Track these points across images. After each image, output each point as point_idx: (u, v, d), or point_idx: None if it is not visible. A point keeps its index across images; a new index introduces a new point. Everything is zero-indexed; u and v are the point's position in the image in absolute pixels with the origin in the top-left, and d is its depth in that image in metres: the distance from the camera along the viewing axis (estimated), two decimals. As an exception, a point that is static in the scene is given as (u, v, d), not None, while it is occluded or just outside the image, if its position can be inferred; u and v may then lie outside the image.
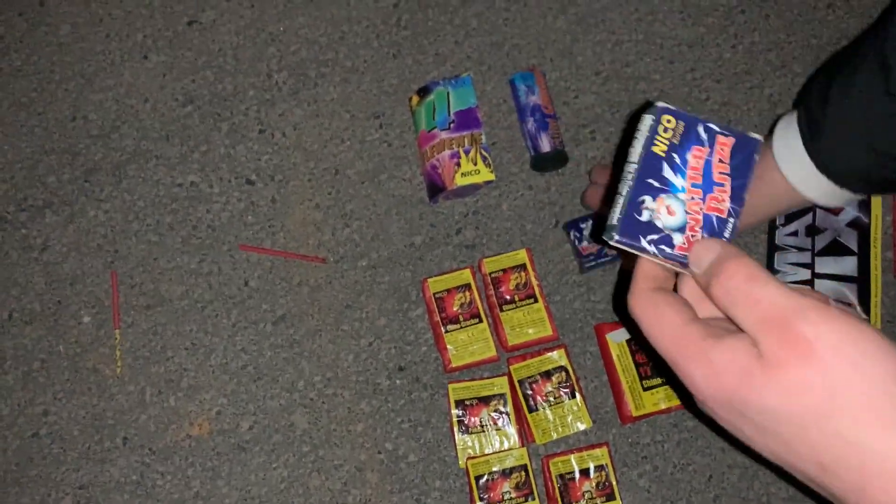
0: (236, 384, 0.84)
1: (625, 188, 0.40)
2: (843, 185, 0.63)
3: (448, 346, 0.83)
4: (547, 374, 0.82)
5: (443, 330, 0.83)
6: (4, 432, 0.84)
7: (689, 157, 0.40)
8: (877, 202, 0.86)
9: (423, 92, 0.90)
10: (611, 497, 0.78)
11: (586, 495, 0.78)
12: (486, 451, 0.80)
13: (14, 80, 0.95)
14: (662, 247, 0.39)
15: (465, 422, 0.81)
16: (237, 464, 0.82)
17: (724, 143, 0.41)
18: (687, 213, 0.40)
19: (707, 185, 0.40)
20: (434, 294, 0.85)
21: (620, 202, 0.40)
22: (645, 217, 0.40)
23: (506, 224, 0.89)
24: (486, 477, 0.79)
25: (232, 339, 0.86)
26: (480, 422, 0.81)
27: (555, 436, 0.81)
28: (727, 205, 0.40)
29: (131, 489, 0.82)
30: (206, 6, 0.97)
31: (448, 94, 0.89)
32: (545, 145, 0.88)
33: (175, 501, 0.81)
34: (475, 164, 0.86)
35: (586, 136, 0.91)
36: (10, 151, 0.93)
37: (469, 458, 0.80)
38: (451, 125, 0.88)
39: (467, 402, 0.81)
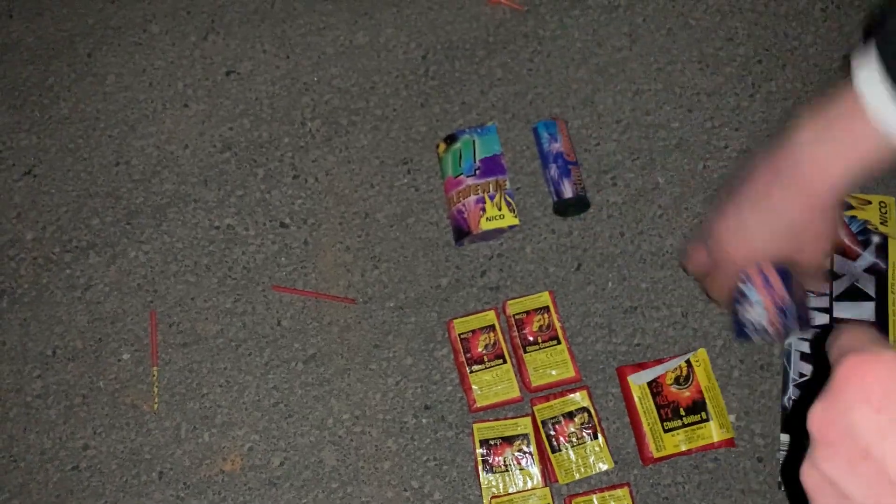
0: (268, 421, 0.87)
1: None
2: None
3: (473, 386, 0.85)
4: (570, 415, 0.84)
5: (468, 370, 0.86)
6: (46, 465, 0.88)
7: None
8: (894, 248, 0.87)
9: (450, 140, 0.94)
10: (632, 536, 0.80)
11: (608, 535, 0.80)
12: (510, 491, 0.82)
13: (62, 128, 1.01)
14: (761, 332, 0.70)
15: (490, 461, 0.83)
16: (268, 499, 0.85)
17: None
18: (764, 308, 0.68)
19: (768, 283, 0.67)
20: (459, 335, 0.87)
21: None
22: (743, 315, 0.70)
23: (529, 267, 0.91)
24: (509, 516, 0.81)
25: (264, 377, 0.89)
26: (504, 461, 0.83)
27: (577, 476, 0.82)
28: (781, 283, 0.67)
29: (166, 522, 0.85)
30: (244, 57, 1.02)
31: (474, 141, 0.93)
32: (567, 191, 0.91)
33: (208, 535, 0.84)
34: (500, 209, 0.90)
35: (607, 181, 0.94)
36: (56, 195, 0.98)
37: (493, 497, 0.82)
38: (477, 171, 0.91)
39: (492, 442, 0.84)
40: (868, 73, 0.54)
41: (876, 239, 0.87)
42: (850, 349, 0.36)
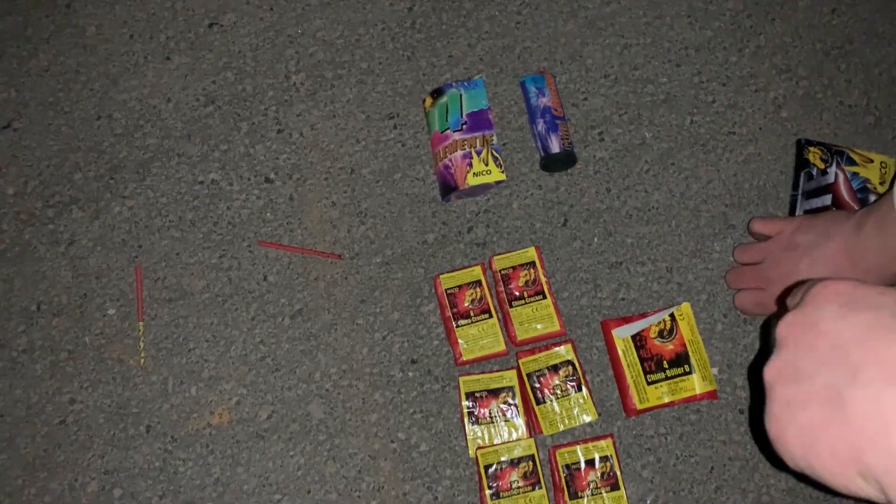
0: (255, 375, 0.88)
1: None
2: None
3: (459, 341, 0.86)
4: (554, 368, 0.85)
5: (454, 325, 0.86)
6: (33, 419, 0.88)
7: None
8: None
9: (437, 94, 0.93)
10: (615, 487, 0.81)
11: (591, 485, 0.81)
12: (495, 442, 0.83)
13: (41, 80, 0.99)
14: None
15: (475, 413, 0.84)
16: (256, 451, 0.85)
17: None
18: None
19: None
20: (446, 290, 0.88)
21: None
22: None
23: (516, 223, 0.91)
24: (494, 466, 0.82)
25: (251, 332, 0.89)
26: (490, 413, 0.84)
27: (561, 427, 0.84)
28: None
29: (154, 475, 0.86)
30: (227, 9, 1.00)
31: (461, 96, 0.92)
32: (555, 146, 0.90)
33: (196, 487, 0.85)
34: (486, 165, 0.89)
35: (595, 137, 0.94)
36: (37, 149, 0.96)
37: (479, 448, 0.83)
38: (464, 126, 0.90)
39: (477, 395, 0.84)
40: None
41: (872, 198, 0.87)
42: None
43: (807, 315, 0.41)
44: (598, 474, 0.82)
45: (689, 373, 0.84)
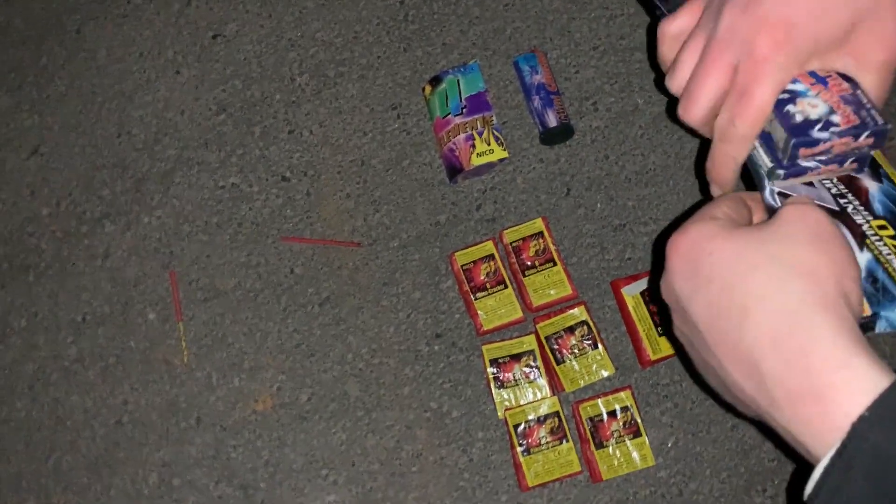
0: (292, 362, 0.94)
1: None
2: None
3: (479, 312, 0.92)
4: (570, 329, 0.90)
5: (472, 298, 0.92)
6: (91, 422, 0.94)
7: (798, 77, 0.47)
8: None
9: (435, 81, 0.97)
10: (637, 434, 0.87)
11: (615, 434, 0.87)
12: (522, 402, 0.89)
13: (61, 105, 1.04)
14: (831, 129, 0.44)
15: (500, 378, 0.90)
16: (300, 432, 0.92)
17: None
18: (824, 101, 0.45)
19: (821, 80, 0.46)
20: (462, 266, 0.93)
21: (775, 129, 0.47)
22: (798, 118, 0.44)
23: (521, 196, 0.97)
24: (523, 425, 0.88)
25: (284, 322, 0.95)
26: (514, 377, 0.90)
27: (582, 383, 0.89)
28: (846, 84, 0.46)
29: (209, 463, 0.92)
30: (228, 20, 1.05)
31: (458, 81, 0.97)
32: (552, 120, 0.95)
33: (249, 470, 0.91)
34: (489, 144, 0.94)
35: (589, 108, 0.99)
36: (65, 170, 1.02)
37: (507, 410, 0.89)
38: (464, 110, 0.95)
39: (500, 361, 0.90)
40: None
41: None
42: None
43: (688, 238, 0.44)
44: (621, 424, 0.87)
45: (697, 322, 0.89)
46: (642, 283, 0.90)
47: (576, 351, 0.90)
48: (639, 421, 0.87)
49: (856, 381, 0.37)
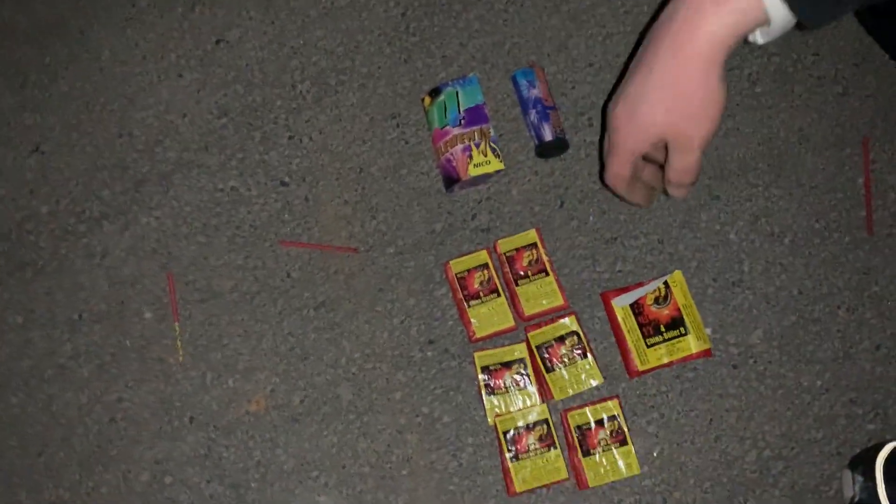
0: (286, 364, 0.95)
1: None
2: None
3: (471, 320, 0.93)
4: (561, 339, 0.92)
5: (466, 305, 0.94)
6: (85, 419, 0.95)
7: None
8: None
9: (435, 93, 1.00)
10: (623, 442, 0.89)
11: (602, 442, 0.89)
12: (511, 409, 0.91)
13: (63, 105, 1.05)
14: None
15: (491, 385, 0.92)
16: (292, 434, 0.93)
17: None
18: None
19: None
20: (456, 274, 0.95)
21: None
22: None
23: (516, 208, 0.99)
24: (512, 431, 0.90)
25: (279, 325, 0.96)
26: (504, 384, 0.92)
27: (571, 392, 0.91)
28: None
29: (200, 462, 0.93)
30: (232, 25, 1.07)
31: (457, 93, 0.99)
32: (547, 134, 0.97)
33: (240, 470, 0.93)
34: (485, 156, 0.96)
35: (584, 123, 1.01)
36: (65, 169, 1.03)
37: (496, 416, 0.90)
38: (462, 121, 0.97)
39: (492, 368, 0.92)
40: None
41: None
42: None
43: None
44: (608, 432, 0.89)
45: (685, 334, 0.91)
46: (632, 296, 0.93)
47: (566, 360, 0.92)
48: (625, 430, 0.89)
49: None
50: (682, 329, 0.91)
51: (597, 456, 0.89)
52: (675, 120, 0.66)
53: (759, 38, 0.63)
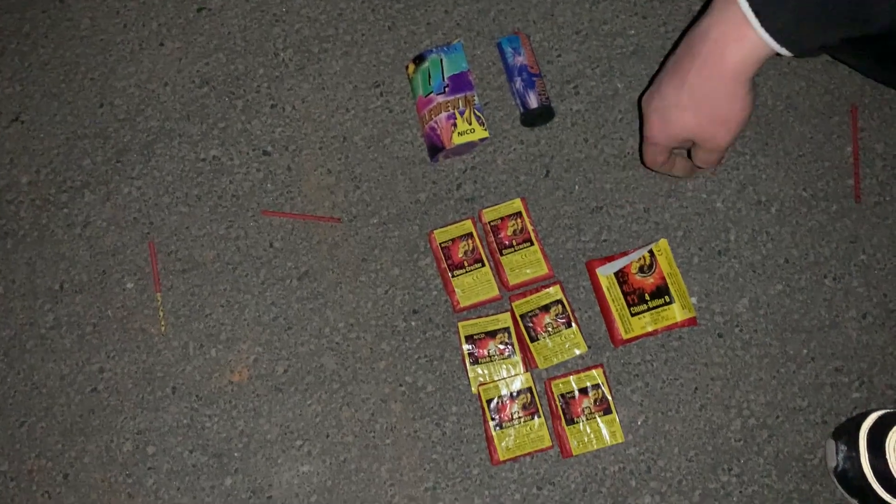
0: (269, 334, 0.94)
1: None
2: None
3: (456, 289, 0.93)
4: (545, 308, 0.92)
5: (450, 275, 0.93)
6: (66, 389, 0.95)
7: None
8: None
9: (418, 60, 0.98)
10: (608, 411, 0.89)
11: (585, 411, 0.88)
12: (495, 378, 0.90)
13: (43, 74, 1.04)
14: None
15: (475, 354, 0.91)
16: (276, 403, 0.93)
17: None
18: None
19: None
20: (440, 244, 0.94)
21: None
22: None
23: (501, 177, 0.98)
24: (496, 400, 0.89)
25: (262, 295, 0.96)
26: (489, 353, 0.91)
27: (555, 361, 0.91)
28: None
29: (183, 431, 0.93)
30: (214, -7, 1.05)
31: (441, 60, 0.97)
32: (533, 102, 0.96)
33: (223, 440, 0.92)
34: (470, 124, 0.95)
35: (570, 91, 1.00)
36: (46, 139, 1.02)
37: (480, 385, 0.90)
38: (446, 89, 0.96)
39: (476, 337, 0.91)
40: None
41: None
42: None
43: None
44: (591, 401, 0.89)
45: (670, 303, 0.91)
46: (617, 264, 0.92)
47: (550, 329, 0.91)
48: (609, 399, 0.89)
49: None
50: (666, 298, 0.91)
51: (580, 424, 0.88)
52: (703, 125, 0.75)
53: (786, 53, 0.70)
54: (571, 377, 0.89)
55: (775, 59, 0.99)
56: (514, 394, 0.89)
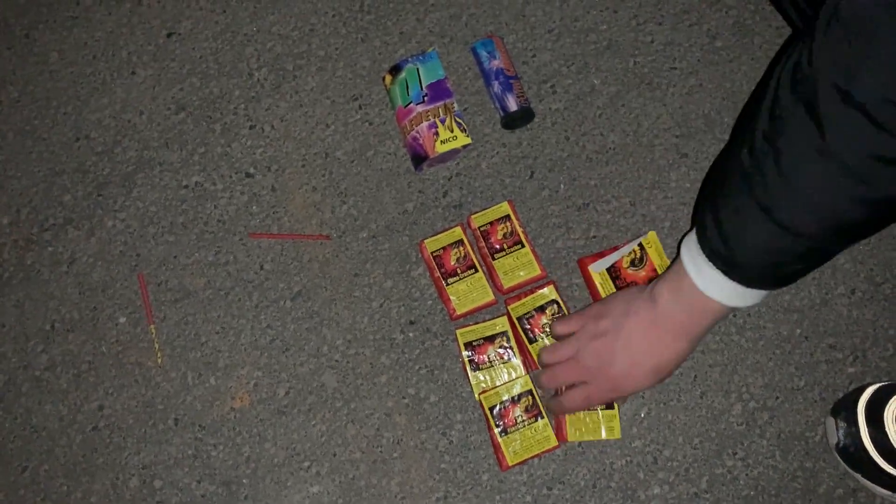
0: (268, 357, 0.94)
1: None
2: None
3: (451, 297, 0.93)
4: (541, 309, 0.92)
5: (444, 283, 0.93)
6: (67, 430, 0.94)
7: None
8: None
9: (395, 70, 0.98)
10: (609, 406, 0.89)
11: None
12: (497, 384, 0.91)
13: (14, 111, 1.02)
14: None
15: (475, 360, 0.91)
16: (280, 426, 0.92)
17: None
18: None
19: None
20: (432, 253, 0.94)
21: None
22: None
23: (486, 181, 0.98)
24: (498, 406, 0.90)
25: (257, 319, 0.95)
26: (489, 358, 0.91)
27: (555, 361, 0.91)
28: None
29: (189, 462, 0.92)
30: (182, 17, 1.04)
31: (418, 69, 0.97)
32: (512, 105, 0.96)
33: (230, 467, 0.92)
34: (452, 132, 0.95)
35: (548, 90, 1.00)
36: (23, 177, 1.00)
37: (481, 393, 0.90)
38: (425, 98, 0.96)
39: (475, 343, 0.92)
40: (690, 257, 0.72)
41: None
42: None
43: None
44: (594, 398, 0.89)
45: (663, 294, 0.91)
46: (608, 260, 0.93)
47: (547, 329, 0.92)
48: (612, 394, 0.89)
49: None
50: (660, 289, 0.91)
51: (581, 413, 0.89)
52: (637, 378, 0.79)
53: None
54: (572, 376, 0.90)
55: (743, 43, 1.00)
56: (516, 397, 0.90)
